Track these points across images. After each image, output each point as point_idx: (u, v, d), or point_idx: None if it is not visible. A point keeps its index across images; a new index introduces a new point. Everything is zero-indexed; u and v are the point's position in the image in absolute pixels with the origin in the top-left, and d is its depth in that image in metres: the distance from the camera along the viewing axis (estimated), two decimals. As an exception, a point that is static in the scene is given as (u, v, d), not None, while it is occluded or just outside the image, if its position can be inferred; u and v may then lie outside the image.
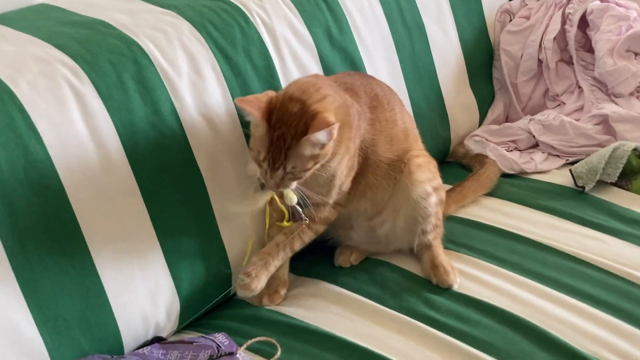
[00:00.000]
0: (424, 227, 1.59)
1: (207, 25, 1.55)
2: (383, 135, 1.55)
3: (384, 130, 1.55)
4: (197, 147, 1.48)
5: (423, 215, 1.58)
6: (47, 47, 1.39)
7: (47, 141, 1.31)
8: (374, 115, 1.54)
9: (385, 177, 1.56)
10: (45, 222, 1.30)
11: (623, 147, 1.85)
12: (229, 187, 1.52)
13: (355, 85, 1.56)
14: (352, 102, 1.49)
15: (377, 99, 1.57)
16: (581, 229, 1.71)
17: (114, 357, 1.34)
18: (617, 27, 2.04)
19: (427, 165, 1.61)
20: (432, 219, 1.59)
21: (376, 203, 1.59)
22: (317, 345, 1.43)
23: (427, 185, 1.58)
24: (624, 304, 1.49)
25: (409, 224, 1.60)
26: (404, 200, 1.57)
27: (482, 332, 1.43)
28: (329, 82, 1.50)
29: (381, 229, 1.62)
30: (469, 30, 2.06)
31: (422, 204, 1.57)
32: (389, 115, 1.58)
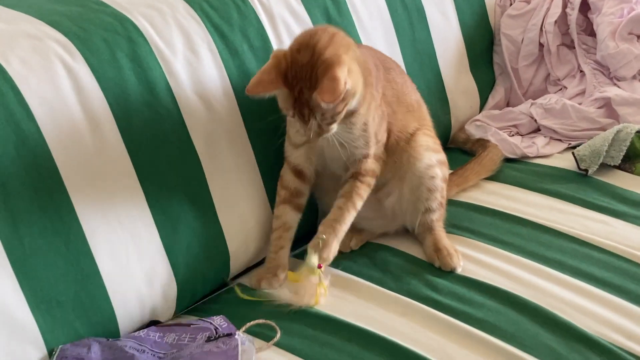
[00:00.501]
0: (429, 204, 1.56)
1: (202, 4, 1.52)
2: (401, 99, 1.56)
3: (400, 94, 1.56)
4: (193, 127, 1.46)
5: (429, 187, 1.56)
6: (39, 24, 1.36)
7: (39, 118, 1.28)
8: (390, 76, 1.54)
9: (393, 147, 1.55)
10: (39, 202, 1.27)
11: (626, 130, 1.83)
12: (226, 168, 1.49)
13: (365, 53, 1.52)
14: (369, 56, 1.48)
15: (390, 63, 1.58)
16: (585, 212, 1.69)
17: (110, 340, 1.31)
18: (619, 9, 2.01)
19: (434, 140, 1.61)
20: (437, 194, 1.57)
21: (382, 173, 1.55)
22: (318, 327, 1.40)
23: (433, 155, 1.57)
24: (629, 285, 1.47)
25: (415, 195, 1.57)
26: (410, 170, 1.56)
27: (486, 313, 1.41)
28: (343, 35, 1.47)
29: (387, 200, 1.60)
30: (469, 14, 2.04)
31: (427, 175, 1.56)
32: (401, 80, 1.59)
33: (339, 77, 1.30)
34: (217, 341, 1.27)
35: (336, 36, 1.39)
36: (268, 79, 1.35)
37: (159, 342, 1.31)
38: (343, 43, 1.38)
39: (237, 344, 1.26)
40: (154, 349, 1.30)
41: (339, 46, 1.36)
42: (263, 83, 1.36)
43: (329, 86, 1.30)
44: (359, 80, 1.38)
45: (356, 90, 1.38)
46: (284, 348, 1.35)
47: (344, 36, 1.42)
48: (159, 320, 1.42)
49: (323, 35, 1.36)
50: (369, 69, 1.44)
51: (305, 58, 1.33)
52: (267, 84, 1.36)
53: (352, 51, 1.39)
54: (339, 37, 1.39)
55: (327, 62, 1.32)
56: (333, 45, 1.35)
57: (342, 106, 1.35)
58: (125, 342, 1.30)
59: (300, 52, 1.34)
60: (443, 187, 1.59)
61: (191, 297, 1.49)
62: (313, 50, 1.34)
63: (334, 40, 1.36)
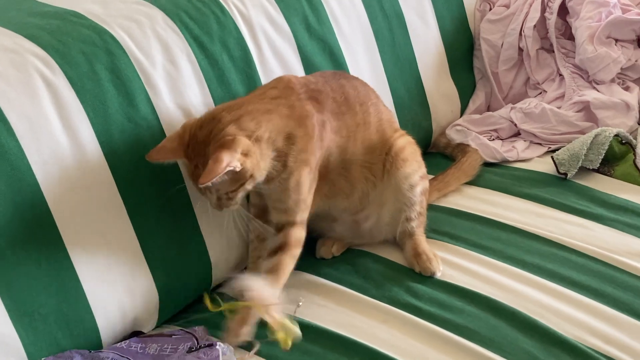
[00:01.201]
0: (408, 214, 1.58)
1: (181, 15, 1.53)
2: (351, 140, 1.51)
3: (353, 135, 1.51)
4: (173, 137, 1.46)
5: (408, 204, 1.57)
6: (17, 38, 1.37)
7: (19, 133, 1.28)
8: (341, 122, 1.50)
9: (366, 177, 1.55)
10: (19, 215, 1.28)
11: (605, 133, 1.84)
12: (207, 178, 1.50)
13: (323, 92, 1.49)
14: (311, 113, 1.43)
15: (346, 104, 1.52)
16: (564, 216, 1.70)
17: (92, 352, 1.31)
18: (597, 13, 2.03)
19: (414, 157, 1.60)
20: (416, 207, 1.58)
21: (357, 201, 1.57)
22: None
23: (414, 177, 1.57)
24: (607, 289, 1.48)
25: (394, 217, 1.59)
26: (390, 195, 1.57)
27: (465, 319, 1.42)
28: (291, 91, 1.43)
29: (366, 224, 1.61)
30: (449, 19, 2.05)
31: (408, 194, 1.57)
32: (361, 118, 1.53)
33: (222, 159, 1.27)
34: (198, 352, 1.28)
35: (251, 113, 1.35)
36: (170, 147, 1.35)
37: (141, 354, 1.32)
38: (252, 124, 1.34)
39: (218, 354, 1.27)
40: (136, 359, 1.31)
41: (244, 127, 1.33)
42: (164, 150, 1.36)
43: (209, 166, 1.28)
44: (262, 160, 1.35)
45: (256, 171, 1.34)
46: (265, 357, 1.36)
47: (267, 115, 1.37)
48: (141, 331, 1.43)
49: (227, 115, 1.34)
50: (308, 134, 1.40)
51: (203, 135, 1.33)
52: (168, 151, 1.35)
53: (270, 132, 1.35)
54: (254, 114, 1.35)
55: (218, 142, 1.31)
56: (236, 124, 1.33)
57: (236, 186, 1.33)
58: (107, 354, 1.31)
59: (202, 128, 1.34)
60: (422, 200, 1.60)
61: (173, 307, 1.50)
62: (212, 129, 1.33)
63: (241, 120, 1.34)
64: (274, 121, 1.37)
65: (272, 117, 1.37)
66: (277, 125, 1.37)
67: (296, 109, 1.41)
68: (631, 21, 2.02)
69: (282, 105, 1.40)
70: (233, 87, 1.56)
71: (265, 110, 1.38)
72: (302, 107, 1.42)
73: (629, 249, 1.58)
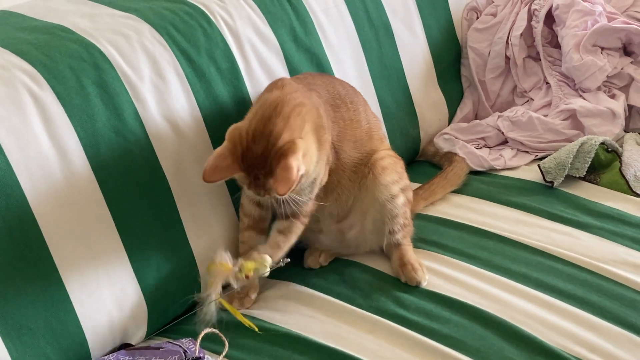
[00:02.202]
0: (391, 227, 1.59)
1: (169, 28, 1.54)
2: (347, 135, 1.54)
3: (348, 129, 1.55)
4: (161, 151, 1.47)
5: (390, 216, 1.58)
6: (4, 54, 1.38)
7: (6, 148, 1.29)
8: (338, 114, 1.54)
9: (350, 179, 1.56)
10: (7, 229, 1.29)
11: (591, 142, 1.86)
12: (195, 191, 1.51)
13: (317, 84, 1.55)
14: (319, 102, 1.48)
15: (339, 98, 1.57)
16: (550, 224, 1.71)
17: None
18: (583, 22, 2.05)
19: (393, 167, 1.60)
20: (399, 219, 1.59)
21: (342, 204, 1.58)
22: (288, 347, 1.42)
23: (394, 188, 1.58)
24: (593, 297, 1.49)
25: (377, 226, 1.60)
26: (371, 204, 1.58)
27: (451, 329, 1.43)
28: (295, 87, 1.48)
29: (350, 233, 1.62)
30: (436, 28, 2.06)
31: (388, 206, 1.57)
32: (353, 114, 1.57)
33: (292, 166, 1.31)
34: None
35: (292, 114, 1.38)
36: (224, 164, 1.36)
37: (128, 366, 1.33)
38: (297, 122, 1.38)
39: (207, 367, 1.28)
40: (124, 373, 1.32)
41: (294, 129, 1.37)
42: (220, 169, 1.36)
43: (282, 176, 1.32)
44: (313, 157, 1.40)
45: (310, 169, 1.39)
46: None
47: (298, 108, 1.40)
48: (130, 343, 1.44)
49: (277, 121, 1.36)
50: (322, 123, 1.45)
51: (260, 148, 1.35)
52: (224, 169, 1.36)
53: (308, 124, 1.40)
54: (294, 114, 1.38)
55: (281, 151, 1.34)
56: (288, 129, 1.36)
57: (295, 186, 1.36)
58: (95, 367, 1.32)
59: (255, 141, 1.35)
60: (405, 211, 1.61)
61: (162, 319, 1.51)
62: (268, 140, 1.35)
63: (289, 124, 1.37)
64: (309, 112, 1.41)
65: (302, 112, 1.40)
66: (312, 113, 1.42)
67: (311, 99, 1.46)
68: (617, 29, 2.04)
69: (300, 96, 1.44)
70: (220, 99, 1.57)
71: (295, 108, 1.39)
72: (311, 98, 1.46)
73: (615, 257, 1.60)
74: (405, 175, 1.64)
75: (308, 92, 1.49)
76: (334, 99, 1.55)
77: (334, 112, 1.54)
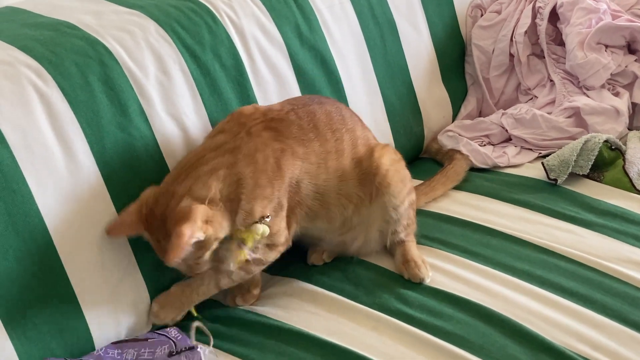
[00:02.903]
0: (394, 228, 1.59)
1: (174, 25, 1.54)
2: (322, 167, 1.49)
3: (324, 162, 1.49)
4: (166, 147, 1.48)
5: (393, 220, 1.58)
6: (10, 50, 1.38)
7: (12, 144, 1.30)
8: (309, 149, 1.48)
9: (338, 205, 1.53)
10: (13, 225, 1.29)
11: (594, 139, 1.86)
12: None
13: (285, 120, 1.47)
14: (262, 146, 1.41)
15: (315, 131, 1.49)
16: (554, 222, 1.72)
17: None
18: (587, 19, 2.04)
19: (397, 177, 1.57)
20: (403, 220, 1.59)
21: (335, 225, 1.56)
22: (292, 344, 1.42)
23: (399, 198, 1.57)
24: (596, 295, 1.50)
25: (383, 231, 1.60)
26: (378, 216, 1.57)
27: (455, 326, 1.44)
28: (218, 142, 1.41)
29: (353, 244, 1.61)
30: (441, 26, 2.06)
31: (394, 214, 1.57)
32: (332, 146, 1.51)
33: (184, 233, 1.26)
34: (179, 355, 1.29)
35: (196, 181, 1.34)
36: (129, 221, 1.35)
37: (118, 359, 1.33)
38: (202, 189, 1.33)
39: (201, 356, 1.28)
40: (115, 366, 1.32)
41: (194, 195, 1.32)
42: (124, 225, 1.35)
43: (173, 243, 1.27)
44: (223, 220, 1.35)
45: (220, 233, 1.34)
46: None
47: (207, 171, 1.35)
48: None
49: (178, 188, 1.33)
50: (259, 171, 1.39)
51: (160, 209, 1.32)
52: (127, 226, 1.35)
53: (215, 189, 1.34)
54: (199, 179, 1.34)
55: (176, 217, 1.30)
56: (189, 194, 1.32)
57: (202, 252, 1.34)
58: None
59: (157, 202, 1.33)
60: (410, 212, 1.60)
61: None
62: (167, 204, 1.32)
63: (191, 190, 1.33)
64: (220, 177, 1.36)
65: (219, 173, 1.36)
66: (225, 179, 1.36)
67: (242, 149, 1.39)
68: (621, 27, 2.04)
69: (226, 152, 1.39)
70: (225, 96, 1.58)
71: (210, 170, 1.36)
72: (250, 142, 1.40)
73: (618, 255, 1.60)
74: (407, 177, 1.62)
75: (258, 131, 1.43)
76: (306, 134, 1.48)
77: (303, 148, 1.47)
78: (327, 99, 1.64)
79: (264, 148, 1.41)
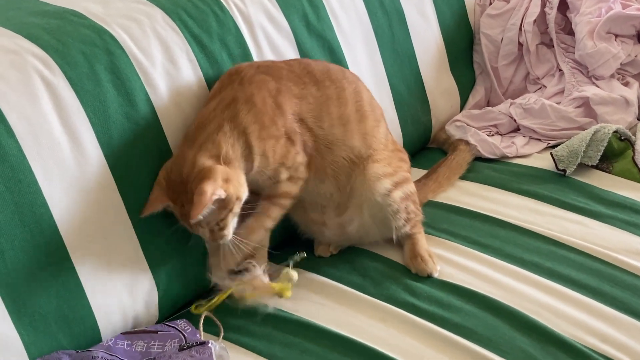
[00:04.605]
0: (396, 223, 1.57)
1: (181, 14, 1.53)
2: (325, 111, 1.50)
3: (325, 106, 1.50)
4: (173, 137, 1.47)
5: (390, 212, 1.56)
6: (17, 39, 1.37)
7: (19, 134, 1.29)
8: (305, 91, 1.49)
9: (345, 162, 1.53)
10: (19, 215, 1.28)
11: (604, 130, 1.85)
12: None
13: (274, 67, 1.51)
14: (258, 88, 1.44)
15: (309, 76, 1.51)
16: (563, 213, 1.71)
17: (79, 351, 1.32)
18: (597, 8, 2.03)
19: (388, 160, 1.56)
20: (401, 214, 1.57)
21: (341, 186, 1.55)
22: (299, 334, 1.42)
23: (386, 181, 1.55)
24: (605, 287, 1.49)
25: (378, 220, 1.58)
26: (365, 197, 1.55)
27: (463, 318, 1.43)
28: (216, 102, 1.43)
29: (351, 226, 1.60)
30: (449, 14, 2.05)
31: (384, 201, 1.55)
32: (333, 92, 1.52)
33: (206, 190, 1.30)
34: (190, 350, 1.29)
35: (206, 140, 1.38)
36: (154, 197, 1.38)
37: (128, 351, 1.32)
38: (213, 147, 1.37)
39: (212, 352, 1.28)
40: (125, 357, 1.31)
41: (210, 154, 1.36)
42: (150, 203, 1.38)
43: (195, 201, 1.30)
44: (240, 177, 1.38)
45: (240, 192, 1.38)
46: (265, 355, 1.37)
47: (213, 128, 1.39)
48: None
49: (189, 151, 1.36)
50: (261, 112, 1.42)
51: (177, 176, 1.36)
52: (154, 202, 1.38)
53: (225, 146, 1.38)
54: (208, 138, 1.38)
55: (197, 179, 1.33)
56: (204, 154, 1.36)
57: (225, 213, 1.36)
58: (95, 352, 1.31)
59: (172, 170, 1.37)
60: (407, 205, 1.58)
61: (173, 304, 1.51)
62: (182, 169, 1.35)
63: (203, 149, 1.36)
64: (227, 132, 1.39)
65: (224, 129, 1.39)
66: (232, 132, 1.39)
67: (239, 99, 1.42)
68: (631, 17, 2.02)
69: (225, 107, 1.41)
70: (232, 86, 1.57)
71: (216, 128, 1.39)
72: (245, 89, 1.43)
73: (628, 247, 1.59)
74: (403, 168, 1.60)
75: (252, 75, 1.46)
76: (299, 77, 1.50)
77: (298, 88, 1.49)
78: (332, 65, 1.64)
79: (259, 91, 1.44)
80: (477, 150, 1.94)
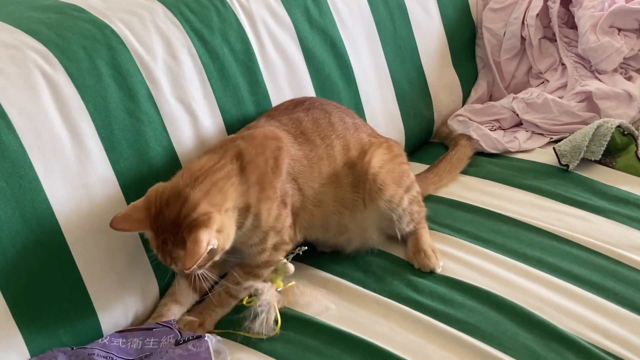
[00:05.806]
0: (399, 226, 1.57)
1: (182, 8, 1.52)
2: (315, 172, 1.48)
3: (317, 167, 1.49)
4: (174, 132, 1.47)
5: (396, 218, 1.56)
6: (17, 33, 1.36)
7: (19, 128, 1.28)
8: (300, 152, 1.48)
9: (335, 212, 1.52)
10: (20, 211, 1.28)
11: (607, 124, 1.84)
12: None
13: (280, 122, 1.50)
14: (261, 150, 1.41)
15: (303, 136, 1.49)
16: (565, 208, 1.70)
17: (74, 348, 1.31)
18: (600, 2, 2.02)
19: (391, 178, 1.54)
20: (405, 217, 1.57)
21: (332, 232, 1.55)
22: (300, 331, 1.41)
23: (395, 198, 1.55)
24: (608, 283, 1.49)
25: (381, 230, 1.59)
26: (375, 219, 1.56)
27: (465, 314, 1.43)
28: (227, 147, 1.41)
29: (349, 247, 1.59)
30: (451, 8, 2.04)
31: (392, 214, 1.55)
32: (323, 152, 1.50)
33: (202, 240, 1.25)
34: (186, 344, 1.28)
35: (214, 186, 1.32)
36: (136, 217, 1.30)
37: (123, 348, 1.32)
38: (218, 195, 1.32)
39: (208, 345, 1.28)
40: (120, 355, 1.31)
41: (212, 202, 1.31)
42: (131, 220, 1.30)
43: (191, 250, 1.25)
44: (231, 230, 1.34)
45: (226, 244, 1.34)
46: (266, 352, 1.37)
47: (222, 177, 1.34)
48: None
49: (192, 192, 1.30)
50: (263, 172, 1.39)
51: (173, 213, 1.28)
52: (134, 222, 1.30)
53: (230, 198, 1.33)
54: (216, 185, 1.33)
55: (193, 223, 1.27)
56: (207, 200, 1.30)
57: (206, 259, 1.31)
58: (90, 350, 1.31)
59: (169, 204, 1.29)
60: (413, 208, 1.58)
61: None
62: (180, 208, 1.28)
63: (209, 195, 1.31)
64: (235, 185, 1.35)
65: (233, 181, 1.35)
66: (238, 187, 1.36)
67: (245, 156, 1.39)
68: (634, 11, 2.01)
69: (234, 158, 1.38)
70: (234, 80, 1.56)
71: (225, 177, 1.35)
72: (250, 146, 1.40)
73: (631, 242, 1.58)
74: (404, 173, 1.58)
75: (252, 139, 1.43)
76: (295, 139, 1.48)
77: (297, 150, 1.47)
78: (315, 102, 1.59)
79: (264, 150, 1.41)
80: (479, 144, 1.93)
